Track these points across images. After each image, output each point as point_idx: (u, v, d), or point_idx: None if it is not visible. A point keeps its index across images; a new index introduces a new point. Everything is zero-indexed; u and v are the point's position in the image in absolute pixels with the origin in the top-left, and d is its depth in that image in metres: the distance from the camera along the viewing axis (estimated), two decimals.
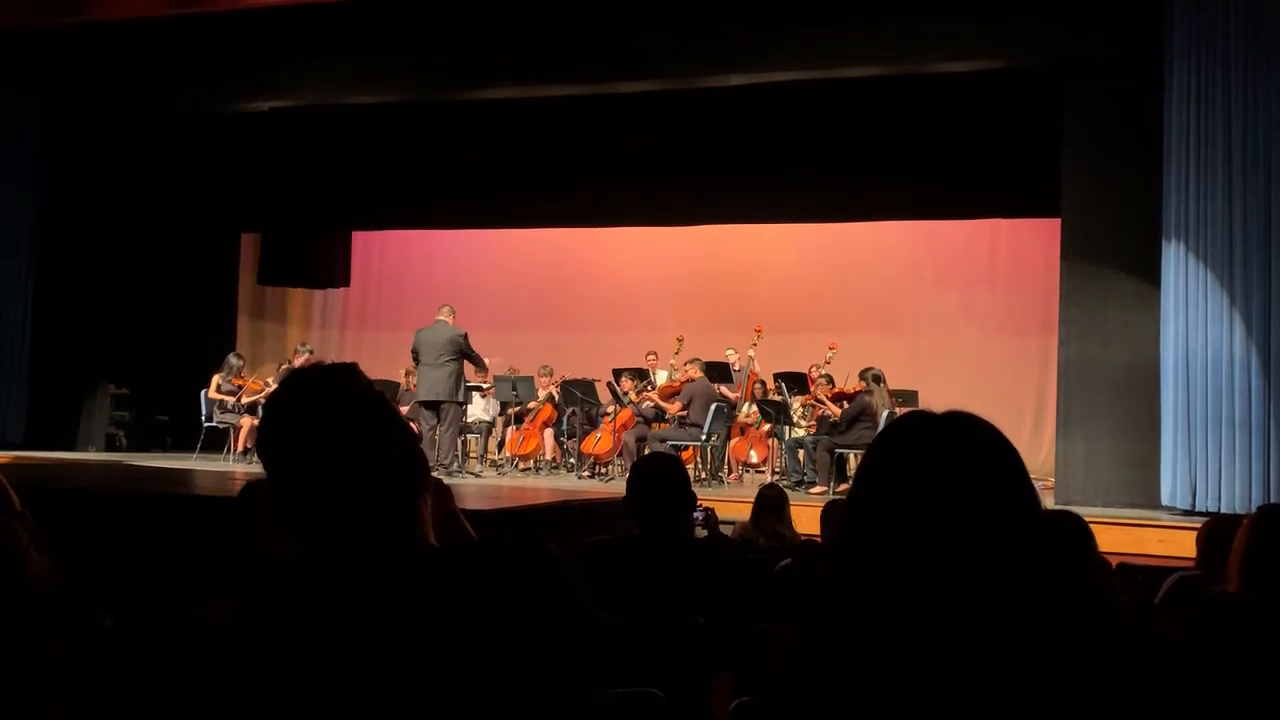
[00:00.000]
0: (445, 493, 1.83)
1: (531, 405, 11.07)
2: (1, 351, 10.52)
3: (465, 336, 9.52)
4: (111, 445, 11.21)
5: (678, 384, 10.22)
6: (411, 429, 1.50)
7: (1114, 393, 8.15)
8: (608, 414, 10.50)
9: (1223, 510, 6.95)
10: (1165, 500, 7.60)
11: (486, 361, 10.41)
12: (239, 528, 2.58)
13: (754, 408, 10.63)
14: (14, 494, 2.48)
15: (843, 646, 1.10)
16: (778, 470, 10.34)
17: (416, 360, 9.69)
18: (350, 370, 1.40)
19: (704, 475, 10.01)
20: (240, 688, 1.26)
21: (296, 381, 1.40)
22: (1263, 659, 2.26)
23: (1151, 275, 7.90)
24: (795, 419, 10.20)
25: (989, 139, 9.83)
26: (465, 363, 9.76)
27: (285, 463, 1.33)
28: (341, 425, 1.33)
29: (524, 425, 11.10)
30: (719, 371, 10.60)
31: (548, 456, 11.13)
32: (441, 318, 9.63)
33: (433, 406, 9.49)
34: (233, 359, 11.01)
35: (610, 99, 10.14)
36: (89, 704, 1.87)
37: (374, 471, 1.32)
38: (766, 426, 10.43)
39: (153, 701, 1.96)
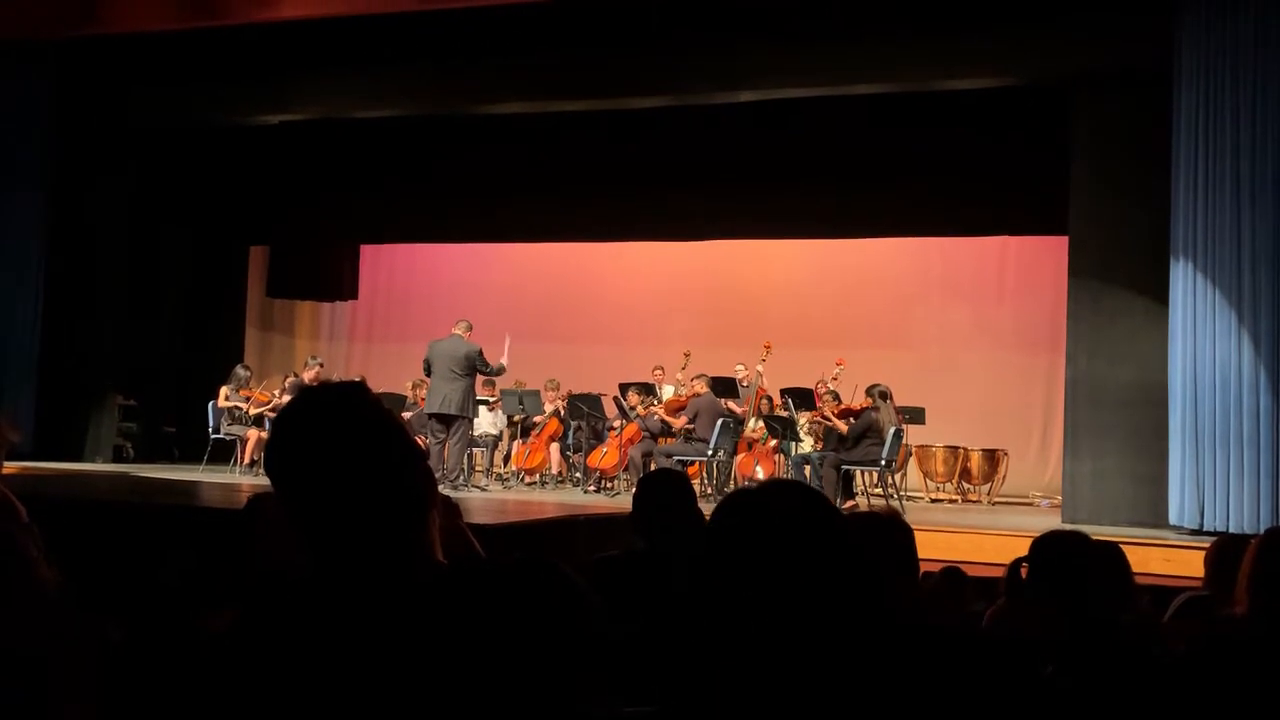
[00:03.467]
0: (453, 510, 1.83)
1: (538, 419, 11.06)
2: (10, 361, 10.56)
3: (480, 353, 9.52)
4: (119, 456, 11.22)
5: (684, 399, 10.21)
6: (419, 445, 1.50)
7: (1122, 410, 8.12)
8: (614, 428, 10.49)
9: (1231, 530, 6.92)
10: (1173, 519, 7.57)
11: (504, 362, 10.24)
12: (245, 540, 2.58)
13: (760, 423, 10.62)
14: (20, 505, 2.48)
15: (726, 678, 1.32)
16: None
17: (428, 372, 9.69)
18: (358, 388, 1.41)
19: (710, 490, 9.99)
20: (246, 701, 1.26)
21: (304, 400, 1.41)
22: (1271, 681, 2.24)
23: (1160, 293, 7.88)
24: (801, 435, 10.19)
25: (998, 155, 9.84)
26: (477, 378, 9.75)
27: (293, 481, 1.34)
28: (349, 443, 1.33)
29: (530, 439, 11.10)
30: (725, 386, 10.60)
31: (554, 470, 11.12)
32: (457, 332, 9.63)
33: (443, 419, 9.50)
34: (240, 370, 11.05)
35: (619, 114, 10.18)
36: (96, 715, 1.87)
37: (381, 488, 1.32)
38: (773, 442, 10.41)
39: (159, 713, 1.96)
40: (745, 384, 11.02)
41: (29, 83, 10.56)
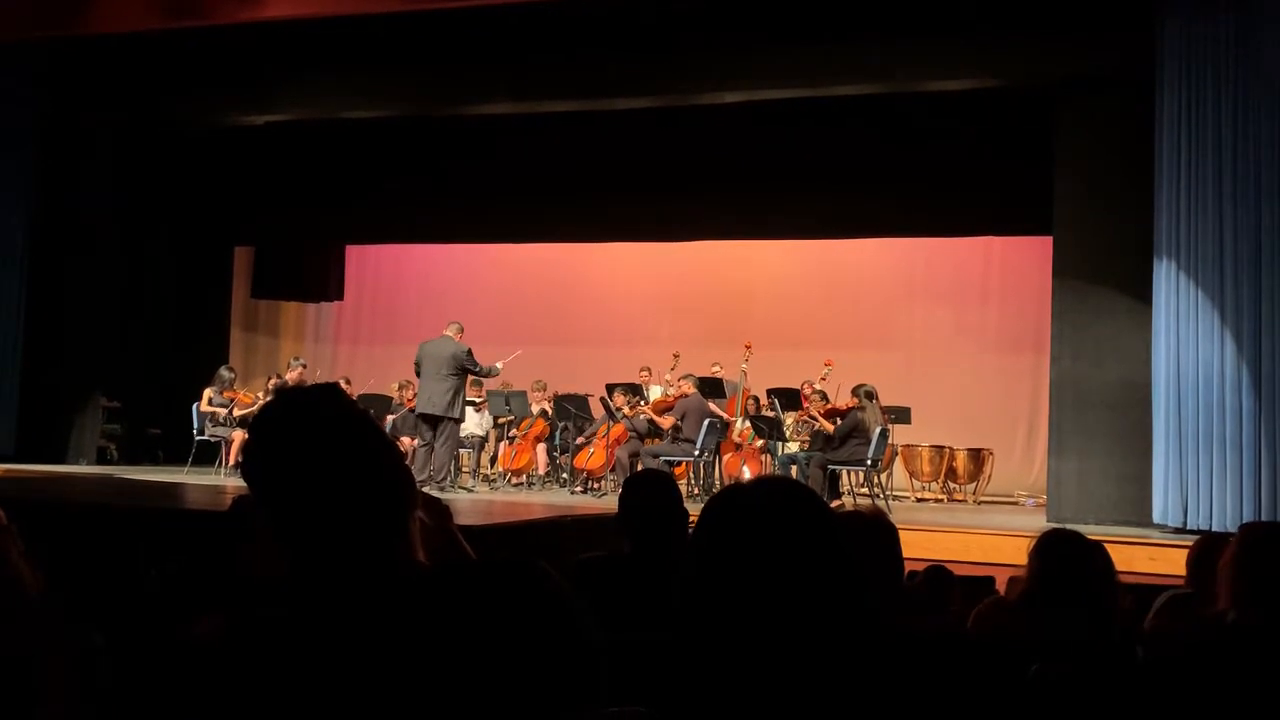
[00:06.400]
0: (443, 513, 1.81)
1: (513, 433, 11.07)
2: None
3: (469, 353, 9.51)
4: (102, 458, 11.17)
5: (672, 399, 10.22)
6: (397, 447, 1.50)
7: (1106, 410, 8.17)
8: (584, 430, 10.51)
9: (1214, 529, 6.96)
10: (1157, 518, 7.61)
11: (499, 365, 10.28)
12: (230, 542, 2.57)
13: (747, 424, 10.63)
14: None
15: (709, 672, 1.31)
16: None
17: (419, 373, 9.68)
18: (331, 390, 1.40)
19: (697, 491, 10.00)
20: (231, 706, 1.26)
21: (278, 403, 1.40)
22: (1252, 677, 2.26)
23: (1143, 293, 7.93)
24: (788, 435, 10.20)
25: (982, 157, 9.88)
26: (467, 379, 9.73)
27: (270, 484, 1.33)
28: (324, 445, 1.33)
29: (517, 440, 11.09)
30: (713, 388, 10.60)
31: (540, 471, 11.11)
32: (447, 333, 9.63)
33: (430, 420, 9.48)
34: (224, 372, 11.00)
35: (605, 115, 10.17)
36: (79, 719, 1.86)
37: (358, 490, 1.32)
38: (759, 442, 10.43)
39: (143, 718, 1.95)
40: (727, 382, 11.02)
41: (14, 83, 10.50)
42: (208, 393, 10.71)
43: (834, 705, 1.25)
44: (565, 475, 10.70)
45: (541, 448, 11.07)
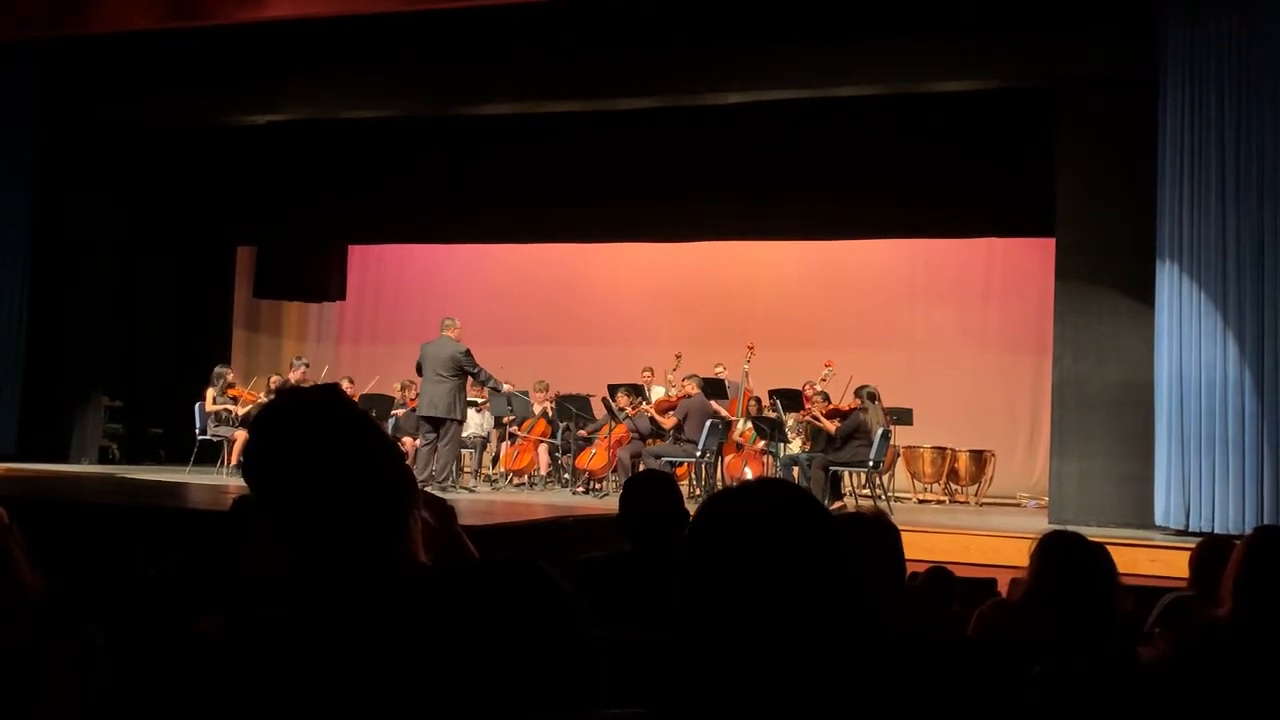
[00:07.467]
0: (448, 513, 1.81)
1: (515, 431, 11.07)
2: None
3: (467, 353, 9.46)
4: (105, 458, 11.17)
5: (674, 399, 10.22)
6: (398, 447, 1.50)
7: (1108, 411, 8.16)
8: (602, 430, 10.50)
9: (1216, 531, 6.95)
10: (1159, 520, 7.60)
11: (506, 387, 10.28)
12: (232, 542, 2.57)
13: (749, 425, 10.63)
14: (1, 507, 2.47)
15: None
16: None
17: (420, 374, 9.66)
18: (331, 390, 1.40)
19: (698, 491, 9.99)
20: (231, 705, 1.26)
21: (277, 404, 1.41)
22: (1254, 682, 2.25)
23: (1146, 294, 7.92)
24: (789, 436, 10.20)
25: (985, 158, 9.88)
26: (466, 380, 9.70)
27: (270, 485, 1.33)
28: (323, 446, 1.33)
29: (519, 440, 11.09)
30: (715, 388, 10.60)
31: (542, 472, 11.11)
32: (445, 333, 9.58)
33: (433, 422, 9.46)
34: (220, 369, 10.99)
35: (608, 115, 10.17)
36: (81, 718, 1.86)
37: (358, 490, 1.32)
38: (761, 444, 10.42)
39: (144, 716, 1.95)
40: (728, 384, 11.02)
41: (14, 82, 10.51)
42: (211, 392, 10.71)
43: (834, 707, 1.25)
44: (567, 475, 10.70)
45: (543, 448, 11.07)
